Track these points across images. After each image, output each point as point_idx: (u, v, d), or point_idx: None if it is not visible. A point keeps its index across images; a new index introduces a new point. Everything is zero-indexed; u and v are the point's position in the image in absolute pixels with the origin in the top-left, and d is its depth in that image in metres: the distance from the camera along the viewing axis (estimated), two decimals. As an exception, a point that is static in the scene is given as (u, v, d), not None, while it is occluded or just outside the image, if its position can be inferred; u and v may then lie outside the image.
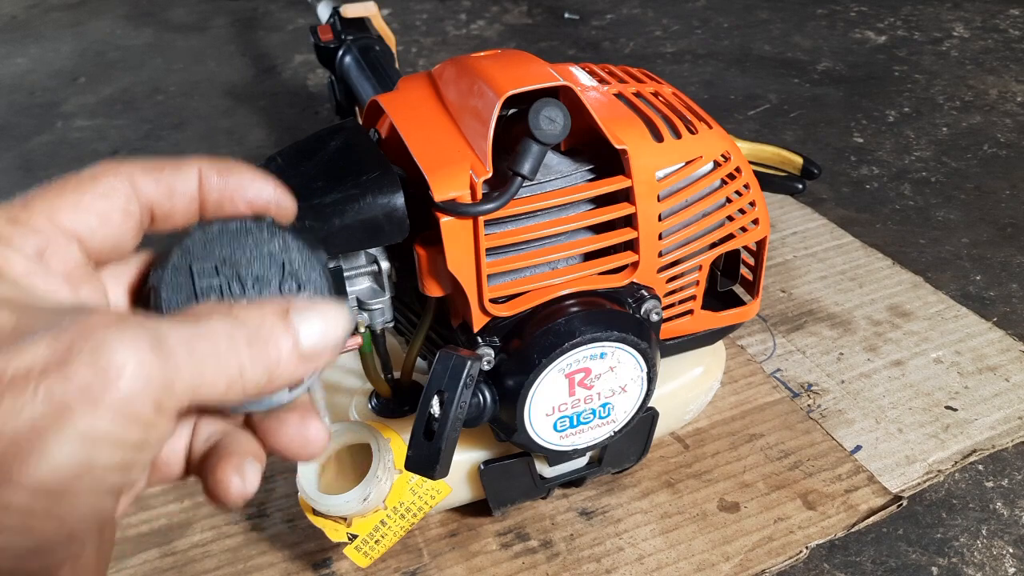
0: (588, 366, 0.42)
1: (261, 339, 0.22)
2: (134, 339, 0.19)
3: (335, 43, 0.80)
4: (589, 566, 0.51)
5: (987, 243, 0.80)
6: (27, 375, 0.18)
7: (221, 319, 0.22)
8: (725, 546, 0.52)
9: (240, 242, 0.26)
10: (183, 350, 0.20)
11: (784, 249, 0.79)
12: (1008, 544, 0.52)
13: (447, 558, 0.52)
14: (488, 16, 1.46)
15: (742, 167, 0.46)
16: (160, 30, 1.50)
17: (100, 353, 0.19)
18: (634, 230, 0.42)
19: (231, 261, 0.26)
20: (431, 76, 0.46)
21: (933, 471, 0.56)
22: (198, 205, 0.26)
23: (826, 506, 0.54)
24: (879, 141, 0.99)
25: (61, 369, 0.18)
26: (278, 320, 0.23)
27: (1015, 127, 1.00)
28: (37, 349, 0.19)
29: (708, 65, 1.22)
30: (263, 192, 0.27)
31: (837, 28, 1.30)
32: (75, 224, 0.24)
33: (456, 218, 0.38)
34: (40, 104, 1.24)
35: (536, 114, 0.37)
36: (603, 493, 0.56)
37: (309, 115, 1.14)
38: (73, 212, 0.24)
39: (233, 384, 0.21)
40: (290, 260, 0.26)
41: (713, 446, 0.59)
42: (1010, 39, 1.23)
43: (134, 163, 0.25)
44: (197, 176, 0.26)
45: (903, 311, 0.71)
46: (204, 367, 0.21)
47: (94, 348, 0.19)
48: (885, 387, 0.63)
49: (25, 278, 0.22)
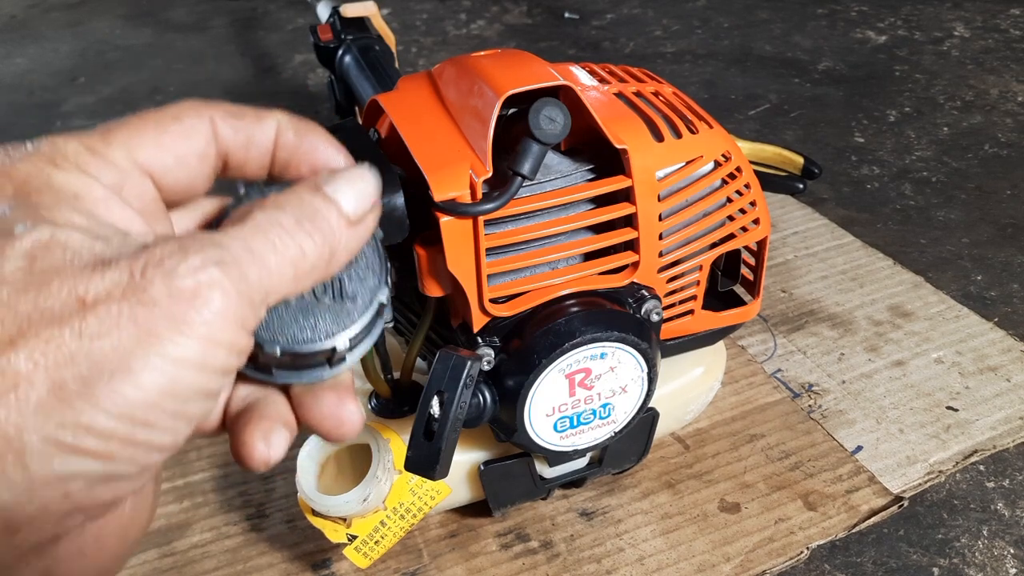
0: (588, 366, 0.42)
1: (307, 216, 0.22)
2: (202, 258, 0.19)
3: (335, 43, 0.80)
4: (589, 567, 0.51)
5: (988, 243, 0.79)
6: (108, 298, 0.18)
7: (263, 212, 0.22)
8: (726, 547, 0.52)
9: None
10: (245, 254, 0.20)
11: (785, 249, 0.79)
12: (1009, 545, 0.52)
13: (447, 559, 0.52)
14: (488, 16, 1.46)
15: (743, 167, 0.46)
16: (160, 30, 1.50)
17: (173, 276, 0.19)
18: (634, 230, 0.42)
19: None
20: (431, 76, 0.46)
21: (934, 471, 0.56)
22: (271, 159, 0.26)
23: (827, 507, 0.54)
24: (880, 141, 0.99)
25: (137, 292, 0.18)
26: (315, 195, 0.23)
27: (1016, 127, 0.99)
28: (114, 274, 0.19)
29: (708, 65, 1.22)
30: (334, 159, 0.26)
31: (837, 28, 1.30)
32: (152, 162, 0.24)
33: (456, 218, 0.38)
34: (39, 104, 1.24)
35: (536, 114, 0.37)
36: (603, 494, 0.56)
37: (309, 115, 1.14)
38: (152, 149, 0.23)
39: (299, 266, 0.22)
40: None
41: (714, 447, 0.59)
42: (1011, 39, 1.23)
43: (216, 105, 0.25)
44: (275, 129, 0.26)
45: (904, 311, 0.70)
46: (267, 261, 0.21)
47: (166, 271, 0.19)
48: (886, 387, 0.63)
49: (102, 206, 0.22)
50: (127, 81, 1.30)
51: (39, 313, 0.18)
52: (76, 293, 0.18)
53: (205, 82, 1.28)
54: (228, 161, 0.25)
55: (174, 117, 0.24)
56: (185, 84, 1.28)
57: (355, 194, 0.24)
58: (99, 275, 0.19)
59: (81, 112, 1.20)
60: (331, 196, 0.23)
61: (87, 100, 1.24)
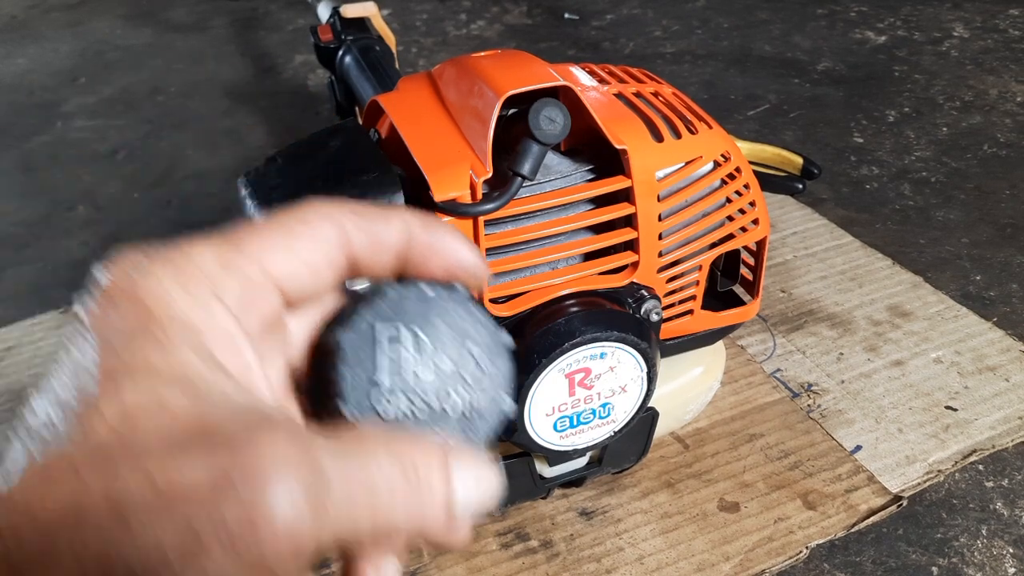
0: (588, 366, 0.42)
1: (418, 485, 0.19)
2: (295, 479, 0.18)
3: (335, 43, 0.80)
4: (589, 566, 0.51)
5: (987, 243, 0.80)
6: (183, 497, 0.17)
7: (386, 453, 0.19)
8: (725, 546, 0.52)
9: (432, 310, 0.24)
10: (340, 489, 0.18)
11: (784, 249, 0.79)
12: (1008, 544, 0.52)
13: (447, 558, 0.52)
14: (488, 16, 1.46)
15: (742, 167, 0.46)
16: (160, 30, 1.50)
17: (255, 492, 0.17)
18: (634, 230, 0.42)
19: (421, 332, 0.24)
20: (431, 76, 0.46)
21: (933, 471, 0.56)
22: (397, 261, 0.24)
23: (826, 506, 0.54)
24: (879, 141, 0.99)
25: (211, 500, 0.17)
26: (439, 466, 0.20)
27: (1015, 127, 1.00)
28: (195, 467, 0.17)
29: (708, 65, 1.22)
30: (466, 259, 0.25)
31: (837, 28, 1.30)
32: (282, 272, 0.22)
33: (456, 218, 0.38)
34: (40, 104, 1.24)
35: (536, 114, 0.38)
36: (603, 493, 0.56)
37: (309, 115, 1.14)
38: (283, 259, 0.22)
39: (379, 531, 0.19)
40: (476, 342, 0.25)
41: (713, 446, 0.59)
42: (1010, 39, 1.23)
43: (343, 207, 0.24)
44: (404, 229, 0.24)
45: (903, 311, 0.71)
46: (356, 509, 0.19)
47: (254, 490, 0.17)
48: (885, 387, 0.63)
49: (222, 344, 0.21)
50: (127, 81, 1.30)
51: (103, 492, 0.17)
52: (153, 479, 0.17)
53: (205, 82, 1.28)
54: (356, 264, 0.24)
55: (304, 222, 0.23)
56: (185, 84, 1.28)
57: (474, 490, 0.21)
58: (186, 462, 0.17)
59: (81, 112, 1.20)
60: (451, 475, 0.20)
61: (87, 100, 1.24)
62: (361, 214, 0.24)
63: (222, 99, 1.22)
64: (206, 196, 0.98)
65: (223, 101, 1.21)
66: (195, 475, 0.17)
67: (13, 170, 1.07)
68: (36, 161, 1.09)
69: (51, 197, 1.00)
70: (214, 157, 1.06)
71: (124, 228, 0.93)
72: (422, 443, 0.20)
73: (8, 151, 1.12)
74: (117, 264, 0.21)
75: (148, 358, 0.19)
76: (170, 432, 0.18)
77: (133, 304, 0.20)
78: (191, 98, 1.23)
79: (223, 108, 1.19)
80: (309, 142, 0.42)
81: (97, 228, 0.93)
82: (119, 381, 0.19)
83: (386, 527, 0.19)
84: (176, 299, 0.20)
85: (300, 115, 1.15)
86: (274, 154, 0.42)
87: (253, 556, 0.17)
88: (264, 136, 1.10)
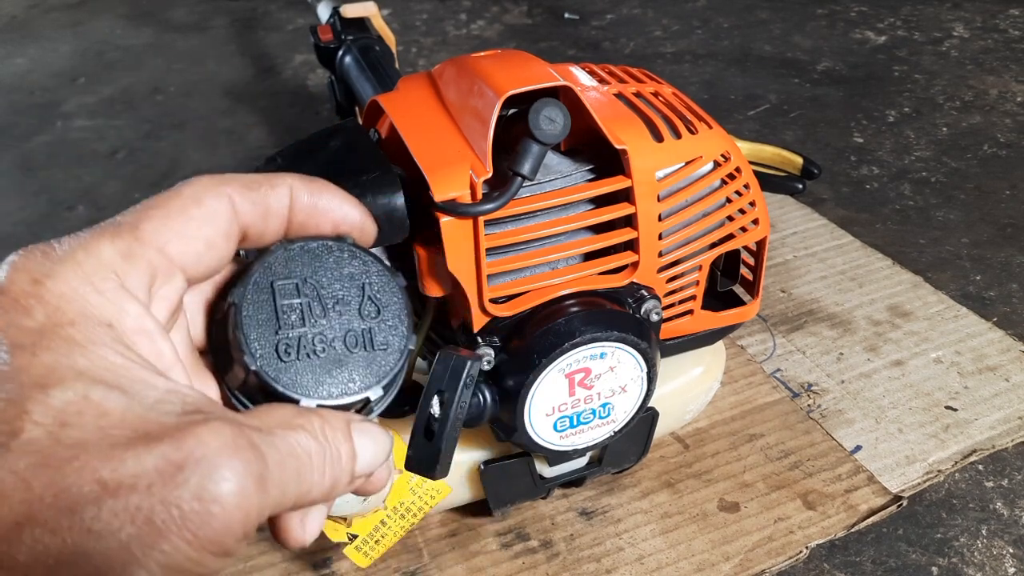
0: (588, 366, 0.42)
1: (330, 451, 0.22)
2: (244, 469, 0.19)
3: (335, 43, 0.80)
4: (589, 566, 0.51)
5: (987, 243, 0.80)
6: (132, 487, 0.18)
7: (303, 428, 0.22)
8: (725, 546, 0.52)
9: (322, 262, 0.26)
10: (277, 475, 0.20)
11: (784, 249, 0.79)
12: (1008, 544, 0.52)
13: (447, 558, 0.52)
14: (488, 16, 1.46)
15: (742, 167, 0.46)
16: (160, 30, 1.50)
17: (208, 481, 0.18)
18: (634, 230, 0.42)
19: (313, 281, 0.25)
20: (431, 76, 0.46)
21: (933, 471, 0.56)
22: (287, 224, 0.26)
23: (826, 506, 0.54)
24: (879, 141, 0.99)
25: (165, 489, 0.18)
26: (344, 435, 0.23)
27: (1015, 127, 1.00)
28: (145, 461, 0.18)
29: (708, 65, 1.22)
30: (350, 215, 0.26)
31: (837, 28, 1.30)
32: (183, 253, 0.23)
33: (456, 218, 0.38)
34: (40, 104, 1.24)
35: (536, 114, 0.37)
36: (603, 493, 0.56)
37: (309, 115, 1.14)
38: (181, 241, 0.23)
39: (301, 501, 0.21)
40: (370, 283, 0.26)
41: (713, 446, 0.59)
42: (1010, 39, 1.23)
43: (231, 180, 0.25)
44: (289, 194, 0.25)
45: (903, 311, 0.71)
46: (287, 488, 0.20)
47: (203, 474, 0.18)
48: (885, 387, 0.63)
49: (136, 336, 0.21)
50: (127, 81, 1.30)
51: (53, 495, 0.17)
52: (99, 475, 0.17)
53: (205, 82, 1.28)
54: (247, 233, 0.25)
55: (196, 201, 0.24)
56: (185, 84, 1.28)
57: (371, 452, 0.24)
58: (130, 455, 0.18)
59: (81, 112, 1.20)
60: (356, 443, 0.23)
61: (87, 100, 1.24)
62: (248, 185, 0.25)
63: (222, 99, 1.22)
64: (206, 196, 0.97)
65: (223, 101, 1.21)
66: (140, 466, 0.18)
67: (13, 170, 1.07)
68: (36, 161, 1.09)
69: (51, 197, 1.00)
70: (214, 157, 1.06)
71: (124, 228, 0.93)
72: (328, 416, 0.23)
73: (8, 151, 1.12)
74: (17, 266, 0.21)
75: (68, 359, 0.19)
76: (105, 429, 0.18)
77: (42, 305, 0.20)
78: (191, 98, 1.23)
79: (223, 108, 1.19)
80: (309, 142, 0.42)
81: (97, 228, 0.93)
82: (44, 385, 0.19)
83: (309, 489, 0.21)
84: (86, 296, 0.20)
85: (300, 115, 1.15)
86: (274, 154, 0.42)
87: (208, 534, 0.18)
88: (264, 136, 1.10)
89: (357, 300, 0.26)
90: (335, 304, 0.25)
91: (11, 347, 0.19)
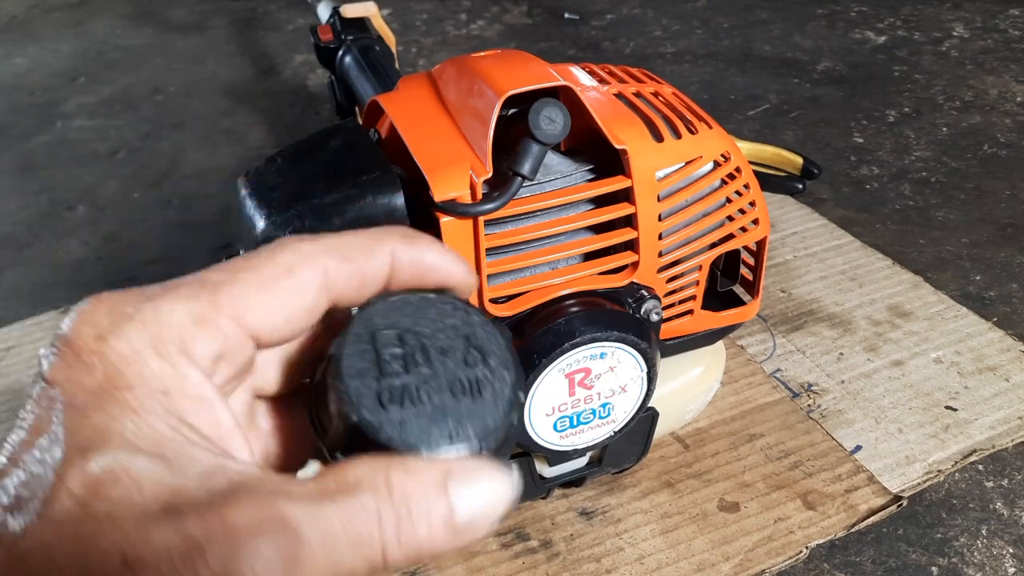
0: (588, 366, 0.42)
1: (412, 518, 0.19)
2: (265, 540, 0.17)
3: (335, 43, 0.80)
4: (589, 566, 0.51)
5: (987, 243, 0.80)
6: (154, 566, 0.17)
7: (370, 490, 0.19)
8: (725, 546, 0.52)
9: (423, 314, 0.25)
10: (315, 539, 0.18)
11: (784, 249, 0.79)
12: (1008, 544, 0.52)
13: (447, 558, 0.52)
14: (488, 16, 1.46)
15: (742, 167, 0.46)
16: (160, 30, 1.50)
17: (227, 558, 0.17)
18: (634, 230, 0.42)
19: (414, 331, 0.24)
20: (431, 76, 0.46)
21: (933, 471, 0.56)
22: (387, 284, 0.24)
23: (826, 506, 0.54)
24: (879, 141, 0.99)
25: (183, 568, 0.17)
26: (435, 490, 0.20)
27: (1015, 127, 1.00)
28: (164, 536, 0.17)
29: (708, 65, 1.22)
30: (453, 272, 0.25)
31: (837, 28, 1.30)
32: (260, 324, 0.22)
33: (456, 218, 0.38)
34: (40, 104, 1.24)
35: (536, 114, 0.38)
36: (603, 493, 0.56)
37: (309, 115, 1.14)
38: (262, 311, 0.22)
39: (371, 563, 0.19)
40: (473, 334, 0.25)
41: (713, 446, 0.59)
42: (1010, 39, 1.23)
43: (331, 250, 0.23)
44: (389, 260, 0.24)
45: (903, 311, 0.71)
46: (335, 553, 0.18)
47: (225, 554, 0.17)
48: (885, 387, 0.63)
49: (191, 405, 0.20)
50: (127, 81, 1.30)
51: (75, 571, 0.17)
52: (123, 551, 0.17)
53: (205, 82, 1.28)
54: (338, 303, 0.24)
55: (288, 271, 0.22)
56: (185, 84, 1.28)
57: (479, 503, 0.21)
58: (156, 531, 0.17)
59: (81, 112, 1.20)
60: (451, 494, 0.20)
61: (87, 100, 1.24)
62: (344, 255, 0.23)
63: (222, 99, 1.22)
64: (206, 196, 0.98)
65: (223, 101, 1.21)
66: (164, 544, 0.17)
67: (13, 170, 1.07)
68: (36, 161, 1.09)
69: (51, 197, 1.00)
70: (214, 157, 1.06)
71: (124, 228, 0.93)
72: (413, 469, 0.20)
73: (8, 151, 1.12)
74: (85, 318, 0.20)
75: (118, 424, 0.19)
76: (138, 502, 0.18)
77: (103, 364, 0.20)
78: (191, 98, 1.23)
79: (223, 108, 1.19)
80: (309, 142, 0.42)
81: (97, 228, 0.93)
82: (86, 449, 0.18)
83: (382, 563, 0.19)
84: (147, 360, 0.20)
85: (300, 115, 1.15)
86: (274, 154, 0.42)
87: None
88: (264, 136, 1.10)
89: (462, 350, 0.25)
90: (439, 353, 0.24)
91: (66, 406, 0.19)
